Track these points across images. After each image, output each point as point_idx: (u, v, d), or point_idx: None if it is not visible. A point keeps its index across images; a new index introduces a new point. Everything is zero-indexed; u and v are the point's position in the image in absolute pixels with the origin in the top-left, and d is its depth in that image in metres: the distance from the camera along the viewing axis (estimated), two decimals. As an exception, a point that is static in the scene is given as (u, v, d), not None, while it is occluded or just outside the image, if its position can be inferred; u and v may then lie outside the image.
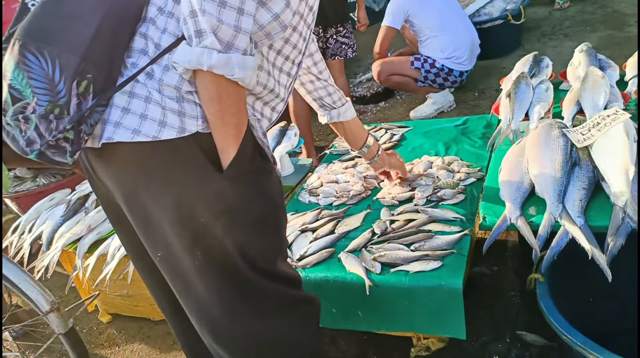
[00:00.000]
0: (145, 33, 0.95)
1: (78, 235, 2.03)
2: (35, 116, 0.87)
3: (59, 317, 1.54)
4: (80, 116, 0.89)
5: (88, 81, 0.88)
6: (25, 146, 0.89)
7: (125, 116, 0.94)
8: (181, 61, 0.90)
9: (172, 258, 1.03)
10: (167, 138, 0.93)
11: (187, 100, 0.95)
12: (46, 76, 0.86)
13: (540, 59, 2.24)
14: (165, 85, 0.94)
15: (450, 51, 3.41)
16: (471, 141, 2.13)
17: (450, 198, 1.73)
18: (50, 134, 0.88)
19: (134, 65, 0.94)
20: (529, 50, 4.44)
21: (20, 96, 0.87)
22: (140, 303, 2.22)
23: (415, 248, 1.52)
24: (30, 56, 0.86)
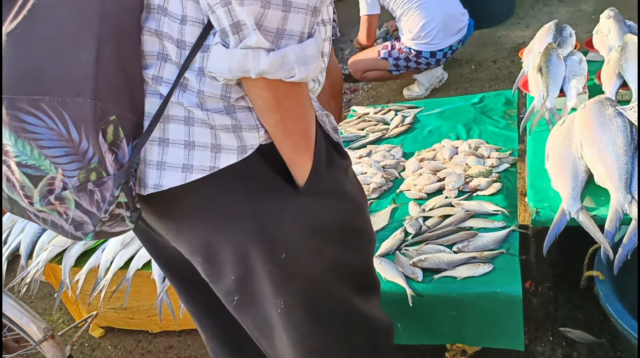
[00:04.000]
0: (156, 29, 0.69)
1: (62, 246, 1.79)
2: (69, 191, 0.66)
3: (54, 345, 1.33)
4: (124, 171, 0.68)
5: (114, 125, 0.66)
6: (75, 230, 0.69)
7: (166, 151, 0.71)
8: (219, 71, 0.66)
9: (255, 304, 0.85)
10: (227, 165, 0.72)
11: (239, 108, 0.72)
12: (60, 136, 0.63)
13: (562, 28, 2.06)
14: (207, 96, 0.70)
15: (417, 30, 3.07)
16: (494, 121, 1.95)
17: (485, 188, 1.55)
18: (100, 209, 0.67)
19: (156, 79, 0.70)
20: (523, 17, 4.28)
21: (39, 172, 0.65)
22: (136, 315, 2.01)
23: (458, 249, 1.35)
24: (26, 117, 0.63)
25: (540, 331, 1.64)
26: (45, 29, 0.63)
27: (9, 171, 0.67)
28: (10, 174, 0.67)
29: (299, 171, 0.77)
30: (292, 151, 0.75)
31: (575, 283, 1.56)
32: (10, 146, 0.65)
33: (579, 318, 1.64)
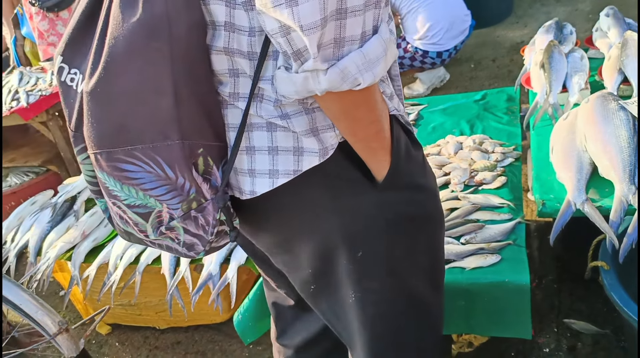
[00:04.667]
0: (225, 47, 0.69)
1: (72, 243, 1.81)
2: (176, 221, 0.73)
3: (68, 338, 1.35)
4: (220, 196, 0.74)
5: (202, 156, 0.71)
6: (187, 251, 0.78)
7: (254, 158, 0.75)
8: (287, 93, 0.68)
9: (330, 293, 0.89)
10: (310, 167, 0.74)
11: (316, 109, 0.73)
12: (158, 177, 0.69)
13: (562, 26, 2.09)
14: (284, 103, 0.72)
15: (424, 30, 3.11)
16: (496, 117, 1.98)
17: (490, 182, 1.58)
18: (207, 232, 0.75)
19: (233, 96, 0.72)
20: (521, 17, 4.32)
21: (147, 209, 0.72)
22: (144, 311, 2.03)
23: (466, 240, 1.37)
24: (125, 166, 0.69)
25: (545, 323, 1.67)
26: (123, 84, 0.66)
27: (120, 210, 0.75)
28: (122, 213, 0.75)
29: (376, 169, 0.78)
30: (367, 151, 0.76)
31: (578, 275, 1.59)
32: (117, 191, 0.72)
33: (582, 310, 1.67)
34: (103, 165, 0.70)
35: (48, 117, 2.80)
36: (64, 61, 0.74)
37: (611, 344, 1.55)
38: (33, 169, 3.14)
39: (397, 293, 0.89)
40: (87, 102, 0.69)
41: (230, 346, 1.95)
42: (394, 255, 0.85)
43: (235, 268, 1.55)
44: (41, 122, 2.83)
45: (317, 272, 0.86)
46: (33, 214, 2.02)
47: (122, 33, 0.65)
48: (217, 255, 1.60)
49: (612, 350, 1.54)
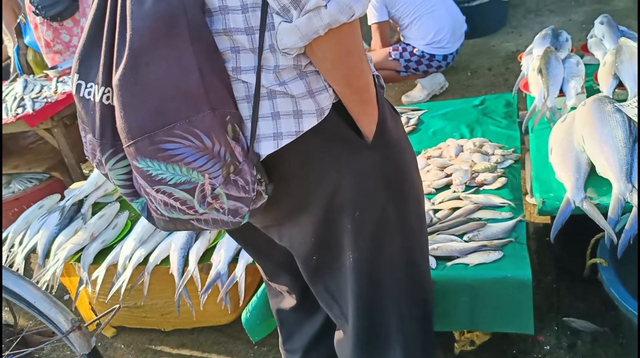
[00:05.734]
0: (224, 29, 0.78)
1: (80, 245, 1.83)
2: (219, 188, 0.78)
3: (81, 336, 1.37)
4: (252, 154, 0.81)
5: (231, 124, 0.78)
6: (233, 218, 0.82)
7: (258, 126, 0.81)
8: (291, 44, 0.75)
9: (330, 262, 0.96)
10: (310, 127, 0.81)
11: (309, 73, 0.81)
12: (198, 148, 0.75)
13: (558, 33, 2.16)
14: (282, 69, 0.79)
15: (431, 36, 3.24)
16: (495, 121, 2.04)
17: (491, 183, 1.63)
18: (247, 191, 0.81)
19: (236, 69, 0.80)
20: (515, 27, 4.41)
21: (192, 184, 0.78)
22: (149, 313, 2.05)
23: (469, 238, 1.41)
24: (167, 145, 0.75)
25: (544, 321, 1.71)
26: (153, 70, 0.74)
27: (165, 196, 0.80)
28: (167, 198, 0.80)
29: (366, 124, 0.85)
30: (359, 104, 0.83)
31: (577, 275, 1.63)
32: (162, 173, 0.77)
33: (581, 308, 1.71)
34: (145, 151, 0.75)
35: (53, 124, 2.83)
36: (80, 78, 0.82)
37: (610, 341, 1.58)
38: (36, 176, 3.16)
39: (390, 253, 0.95)
40: (118, 94, 0.75)
41: (235, 347, 1.97)
42: (388, 215, 0.92)
43: (243, 267, 1.58)
44: (46, 129, 2.86)
45: (320, 239, 0.92)
46: (41, 217, 2.05)
47: (142, 24, 0.72)
48: (225, 255, 1.63)
49: (610, 346, 1.57)
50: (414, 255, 1.00)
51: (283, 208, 0.91)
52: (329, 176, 0.86)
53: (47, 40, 3.31)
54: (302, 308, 1.22)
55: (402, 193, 0.94)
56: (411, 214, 0.97)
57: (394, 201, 0.92)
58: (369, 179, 0.88)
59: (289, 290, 1.20)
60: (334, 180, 0.87)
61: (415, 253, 1.00)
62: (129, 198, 0.88)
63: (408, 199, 0.95)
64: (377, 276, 0.97)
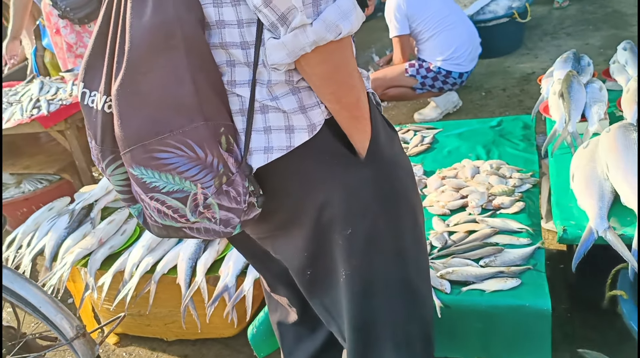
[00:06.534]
0: (220, 42, 0.80)
1: (88, 250, 1.82)
2: (211, 198, 0.79)
3: (85, 343, 1.35)
4: (244, 166, 0.81)
5: (224, 136, 0.79)
6: (225, 228, 0.83)
7: (251, 139, 0.83)
8: (279, 60, 0.77)
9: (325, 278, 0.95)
10: (301, 143, 0.82)
11: (302, 88, 0.82)
12: (191, 159, 0.77)
13: (579, 57, 2.13)
14: (274, 84, 0.81)
15: (450, 52, 3.25)
16: (513, 144, 2.01)
17: (508, 207, 1.60)
18: (239, 202, 0.81)
19: (231, 83, 0.81)
20: (531, 49, 4.39)
21: (184, 193, 0.79)
22: (152, 322, 2.02)
23: (485, 263, 1.38)
24: (160, 154, 0.76)
25: (558, 351, 1.65)
26: (148, 80, 0.76)
27: (158, 203, 0.81)
28: (160, 206, 0.81)
29: (359, 140, 0.85)
30: (350, 120, 0.83)
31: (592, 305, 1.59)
32: (155, 181, 0.78)
33: (596, 340, 1.66)
34: (139, 159, 0.77)
35: (66, 126, 2.84)
36: (85, 87, 0.85)
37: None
38: (47, 177, 3.17)
39: (383, 271, 0.93)
40: (116, 104, 0.78)
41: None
42: (380, 233, 0.91)
43: (251, 281, 1.56)
44: (59, 131, 2.87)
45: (312, 253, 0.92)
46: (50, 219, 2.03)
47: (140, 36, 0.75)
48: (233, 267, 1.60)
49: (626, 381, 1.52)
50: (409, 276, 0.97)
51: (275, 220, 0.91)
52: (319, 190, 0.86)
53: (69, 44, 3.33)
54: (303, 323, 1.20)
55: (396, 210, 0.93)
56: (406, 232, 0.95)
57: (386, 218, 0.91)
58: (360, 196, 0.88)
59: (289, 302, 1.19)
60: (324, 195, 0.86)
61: (410, 274, 0.97)
62: (126, 204, 0.89)
63: (402, 217, 0.94)
64: (370, 295, 0.94)
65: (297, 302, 1.16)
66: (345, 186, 0.86)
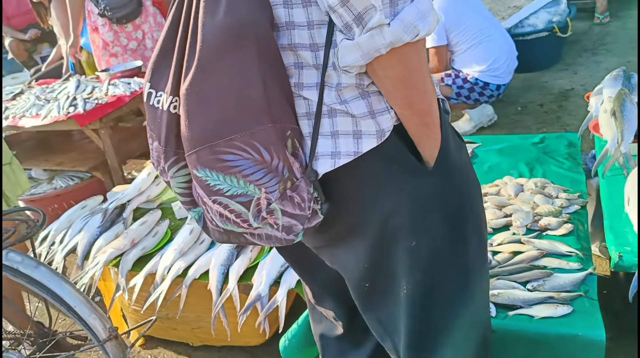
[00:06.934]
0: (289, 44, 0.78)
1: (120, 250, 1.81)
2: (275, 204, 0.77)
3: (117, 346, 1.33)
4: (310, 171, 0.79)
5: (291, 139, 0.78)
6: (287, 235, 0.81)
7: (317, 143, 0.80)
8: (351, 62, 0.74)
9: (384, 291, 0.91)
10: (369, 149, 0.79)
11: (372, 93, 0.79)
12: (256, 161, 0.75)
13: (630, 75, 2.05)
14: (344, 88, 0.78)
15: (489, 63, 3.21)
16: (557, 162, 1.93)
17: (556, 228, 1.53)
18: (303, 209, 0.79)
19: (298, 85, 0.79)
20: (570, 64, 4.29)
21: (248, 197, 0.77)
22: (179, 326, 2.00)
23: (533, 287, 1.32)
24: (226, 156, 0.75)
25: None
26: (218, 81, 0.74)
27: (221, 207, 0.79)
28: (223, 210, 0.79)
29: (427, 148, 0.82)
30: (419, 127, 0.80)
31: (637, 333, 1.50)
32: (220, 184, 0.76)
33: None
34: (205, 160, 0.76)
35: (101, 125, 2.86)
36: (151, 87, 0.84)
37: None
38: (78, 174, 3.21)
39: (446, 288, 0.90)
40: (185, 103, 0.76)
41: (263, 371, 1.90)
42: (445, 246, 0.87)
43: (285, 292, 1.52)
44: (93, 129, 2.90)
45: (373, 265, 0.88)
46: (83, 218, 2.04)
47: (212, 36, 0.73)
48: (266, 276, 1.57)
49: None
50: (473, 293, 0.93)
51: (336, 229, 0.87)
52: (385, 200, 0.83)
53: (105, 42, 3.39)
54: (348, 337, 1.16)
55: (462, 224, 0.89)
56: (471, 247, 0.91)
57: (452, 232, 0.88)
58: (427, 207, 0.85)
59: (335, 316, 1.15)
60: (389, 205, 0.83)
61: (474, 292, 0.94)
62: (186, 207, 0.88)
63: (468, 232, 0.90)
64: (432, 312, 0.91)
65: (343, 316, 1.12)
66: (412, 196, 0.83)
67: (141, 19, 3.33)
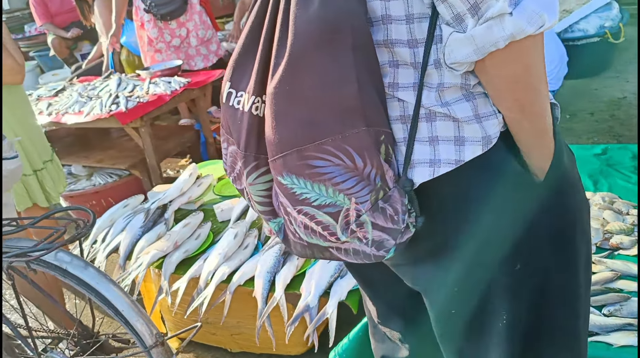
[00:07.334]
0: (384, 39, 0.71)
1: (164, 252, 1.78)
2: (365, 215, 0.70)
3: (163, 353, 1.29)
4: (404, 180, 0.72)
5: (384, 144, 0.70)
6: (377, 251, 0.73)
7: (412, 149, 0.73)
8: (463, 58, 0.65)
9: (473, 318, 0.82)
10: (472, 157, 0.70)
11: (477, 94, 0.71)
12: (348, 168, 0.68)
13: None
14: (446, 88, 0.70)
15: None
16: (624, 176, 1.82)
17: (628, 248, 1.42)
18: (396, 222, 0.71)
19: (392, 85, 0.72)
20: (621, 72, 4.10)
21: (337, 208, 0.70)
22: (218, 331, 1.96)
23: (609, 312, 1.21)
24: (315, 162, 0.68)
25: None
26: (310, 78, 0.67)
27: (307, 218, 0.72)
28: (309, 221, 0.72)
29: (538, 159, 0.73)
30: (531, 134, 0.71)
31: None
32: (307, 193, 0.70)
33: None
34: (292, 166, 0.69)
35: (141, 124, 2.86)
36: (232, 86, 0.77)
37: None
38: (116, 172, 3.22)
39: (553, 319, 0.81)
40: (272, 103, 0.70)
41: (304, 383, 1.83)
42: (553, 272, 0.78)
43: (335, 303, 1.45)
44: (134, 127, 2.90)
45: (466, 290, 0.79)
46: (125, 217, 2.02)
47: (305, 29, 0.67)
48: (315, 286, 1.51)
49: None
50: (578, 325, 0.84)
51: (425, 246, 0.79)
52: (487, 216, 0.74)
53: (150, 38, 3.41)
54: None
55: (573, 246, 0.80)
56: (580, 272, 0.82)
57: (562, 255, 0.78)
58: (535, 226, 0.75)
59: (401, 338, 1.06)
60: (491, 222, 0.74)
61: (579, 322, 0.84)
62: (266, 217, 0.80)
63: (578, 254, 0.80)
64: (533, 348, 0.81)
65: (412, 339, 1.03)
66: (519, 213, 0.74)
67: (186, 17, 3.33)
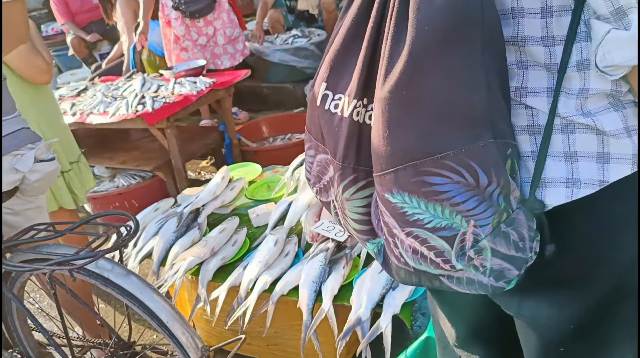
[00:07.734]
0: (514, 36, 0.63)
1: (200, 258, 1.70)
2: (484, 240, 0.61)
3: (208, 367, 1.21)
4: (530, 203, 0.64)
5: (511, 159, 0.62)
6: (495, 281, 0.64)
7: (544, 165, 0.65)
8: (623, 61, 0.56)
9: None
10: (619, 178, 0.62)
11: (626, 104, 0.63)
12: (469, 187, 0.59)
13: None
14: (590, 96, 0.62)
15: None
16: None
17: None
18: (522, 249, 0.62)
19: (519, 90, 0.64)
20: None
21: (452, 231, 0.61)
22: (254, 341, 1.87)
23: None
24: (433, 179, 0.59)
25: None
26: (431, 81, 0.59)
27: (417, 242, 0.64)
28: (419, 245, 0.64)
29: None
30: None
31: None
32: (420, 213, 0.61)
33: None
34: (404, 182, 0.61)
35: (167, 125, 2.80)
36: (328, 88, 0.70)
37: None
38: (139, 173, 3.17)
39: None
40: (386, 109, 0.61)
41: (344, 398, 1.75)
42: None
43: (389, 317, 1.37)
44: (160, 128, 2.84)
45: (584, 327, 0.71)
46: (157, 221, 1.95)
47: (430, 25, 0.58)
48: (367, 298, 1.42)
49: None
50: None
51: (545, 275, 0.70)
52: (629, 249, 0.65)
53: (177, 36, 3.36)
54: None
55: None
56: None
57: None
58: None
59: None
60: (634, 255, 0.65)
61: None
62: (362, 237, 0.72)
63: None
64: None
65: None
66: None
67: (214, 15, 3.29)
